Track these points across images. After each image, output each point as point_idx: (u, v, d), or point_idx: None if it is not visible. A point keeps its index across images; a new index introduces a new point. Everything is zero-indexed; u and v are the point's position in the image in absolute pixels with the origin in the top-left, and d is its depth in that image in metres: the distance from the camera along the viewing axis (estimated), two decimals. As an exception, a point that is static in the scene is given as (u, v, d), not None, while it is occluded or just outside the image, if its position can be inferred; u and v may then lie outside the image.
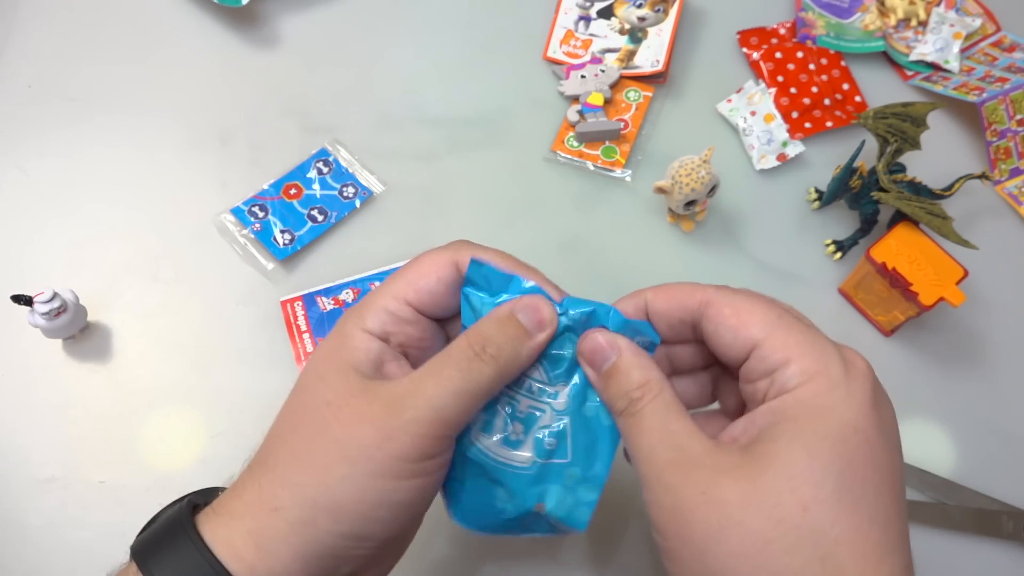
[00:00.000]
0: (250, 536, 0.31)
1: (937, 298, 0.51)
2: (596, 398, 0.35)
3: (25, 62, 0.68)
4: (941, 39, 0.68)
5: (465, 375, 0.32)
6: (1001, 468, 0.53)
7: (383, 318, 0.35)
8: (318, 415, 0.32)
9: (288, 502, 0.31)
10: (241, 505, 0.32)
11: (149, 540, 0.32)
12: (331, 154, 0.63)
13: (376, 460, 0.31)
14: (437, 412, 0.31)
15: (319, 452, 0.31)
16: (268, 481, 0.32)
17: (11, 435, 0.53)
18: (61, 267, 0.59)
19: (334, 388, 0.33)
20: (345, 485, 0.31)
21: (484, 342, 0.33)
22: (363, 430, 0.31)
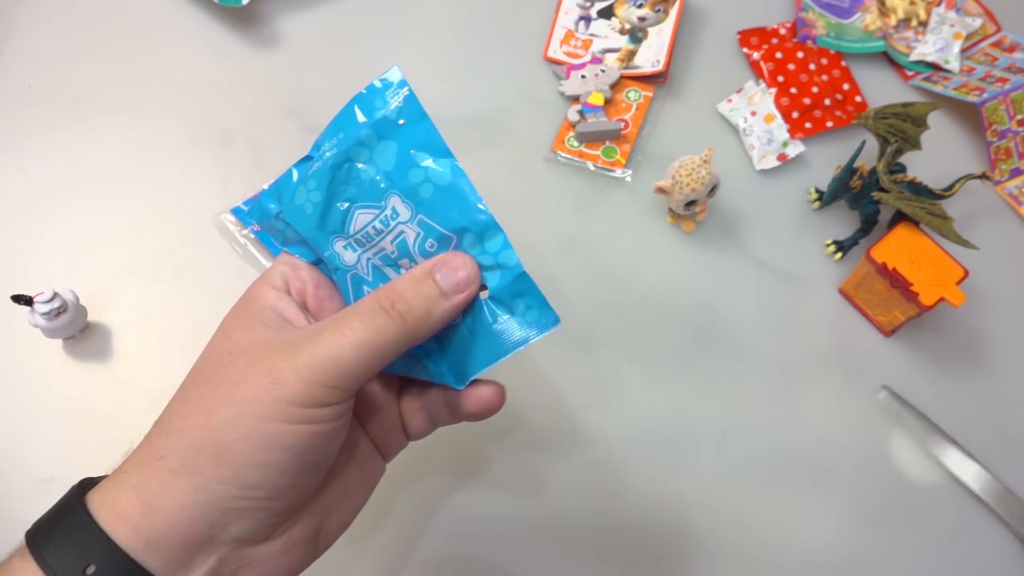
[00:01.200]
0: (135, 492, 0.30)
1: (937, 298, 0.51)
2: (420, 174, 0.34)
3: (25, 62, 0.68)
4: (941, 39, 0.68)
5: (368, 328, 0.31)
6: (1001, 468, 0.53)
7: (282, 270, 0.37)
8: (217, 364, 0.32)
9: (172, 448, 0.30)
10: (130, 463, 0.31)
11: (42, 521, 0.32)
12: (331, 154, 0.63)
13: (262, 402, 0.30)
14: (332, 360, 0.30)
15: (207, 396, 0.31)
16: (156, 432, 0.32)
17: (11, 435, 0.53)
18: (61, 267, 0.59)
19: (237, 340, 0.33)
20: (228, 427, 0.30)
21: (395, 298, 0.32)
22: (254, 373, 0.31)
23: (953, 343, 0.57)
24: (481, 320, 0.34)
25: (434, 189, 0.34)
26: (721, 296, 0.59)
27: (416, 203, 0.34)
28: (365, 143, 0.35)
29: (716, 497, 0.52)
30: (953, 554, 0.51)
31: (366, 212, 0.35)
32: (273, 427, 0.30)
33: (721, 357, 0.56)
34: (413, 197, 0.34)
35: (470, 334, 0.35)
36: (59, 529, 0.30)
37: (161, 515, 0.30)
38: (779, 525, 0.51)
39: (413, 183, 0.34)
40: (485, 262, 0.34)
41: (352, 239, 0.35)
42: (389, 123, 0.35)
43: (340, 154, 0.35)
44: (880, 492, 0.52)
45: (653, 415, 0.54)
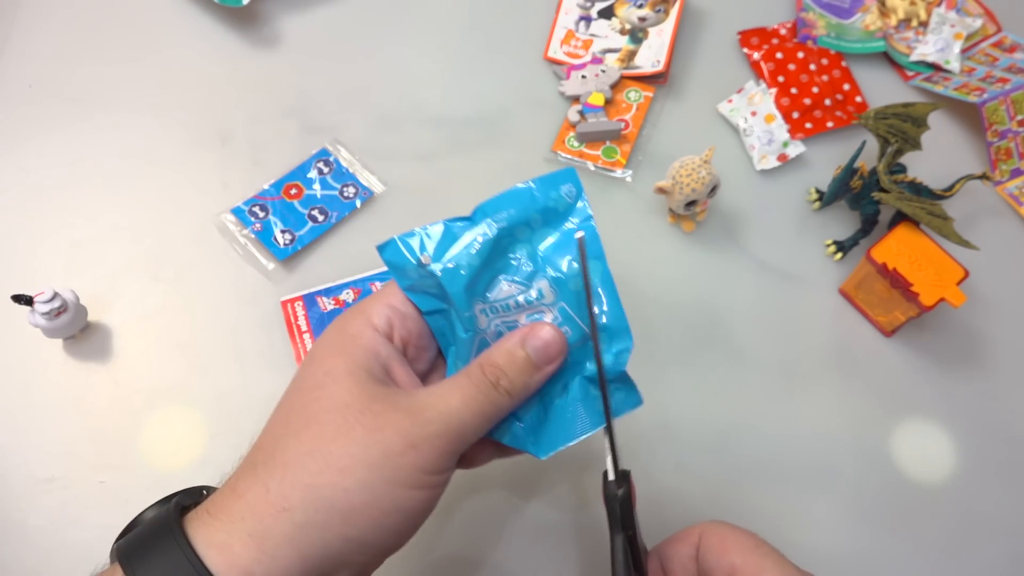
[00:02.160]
0: (252, 539, 0.30)
1: (938, 298, 0.51)
2: (572, 268, 0.36)
3: (25, 62, 0.68)
4: (942, 39, 0.68)
5: (485, 399, 0.33)
6: (1001, 468, 0.53)
7: (387, 313, 0.36)
8: (337, 416, 0.32)
9: (299, 503, 0.31)
10: (243, 506, 0.31)
11: (135, 542, 0.32)
12: (331, 154, 0.63)
13: (398, 468, 0.31)
14: (460, 427, 0.33)
15: (339, 454, 0.31)
16: (276, 481, 0.31)
17: (11, 435, 0.53)
18: (61, 267, 0.59)
19: (350, 390, 0.33)
20: (362, 489, 0.31)
21: (498, 375, 0.34)
22: (387, 436, 0.31)
23: (953, 343, 0.57)
24: (572, 394, 0.37)
25: (582, 286, 0.36)
26: (721, 296, 0.59)
27: (562, 293, 0.36)
28: (531, 225, 0.37)
29: (716, 497, 0.52)
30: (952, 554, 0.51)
31: (512, 285, 0.37)
32: (403, 492, 0.32)
33: (721, 357, 0.56)
34: (561, 286, 0.36)
35: (560, 406, 0.37)
36: (162, 561, 0.30)
37: (278, 562, 0.30)
38: (779, 525, 0.51)
39: (565, 275, 0.36)
40: (605, 359, 0.36)
41: (489, 305, 0.37)
42: (557, 215, 0.37)
43: (507, 228, 0.36)
44: (880, 492, 0.52)
45: (653, 415, 0.54)
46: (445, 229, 0.37)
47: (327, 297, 0.57)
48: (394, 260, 0.37)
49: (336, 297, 0.57)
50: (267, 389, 0.54)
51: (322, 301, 0.57)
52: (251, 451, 0.34)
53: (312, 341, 0.55)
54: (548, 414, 0.37)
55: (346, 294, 0.57)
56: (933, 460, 0.53)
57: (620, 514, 0.35)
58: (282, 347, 0.56)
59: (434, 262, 0.36)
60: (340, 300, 0.57)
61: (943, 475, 0.53)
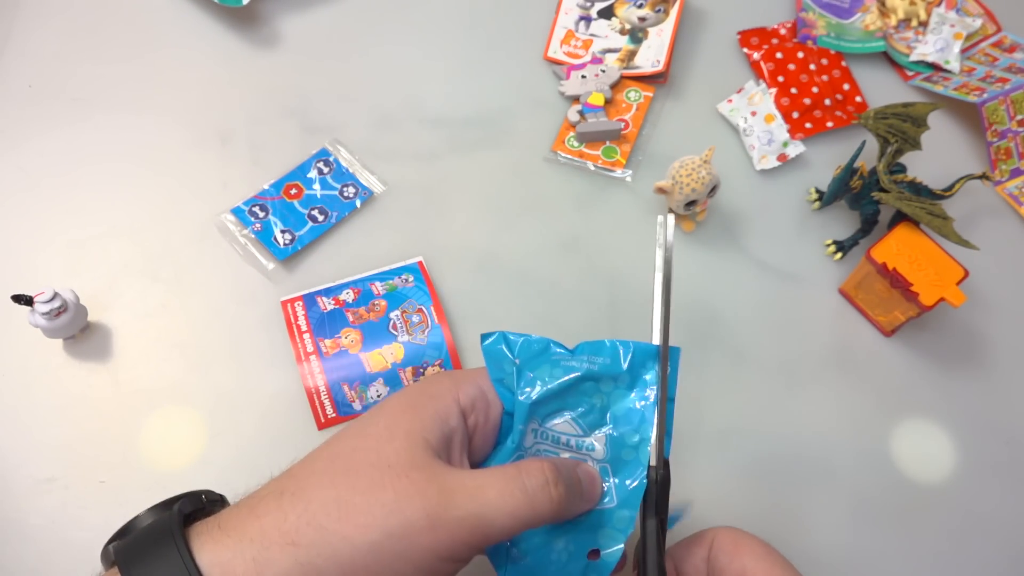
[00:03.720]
0: (255, 565, 0.30)
1: (938, 298, 0.51)
2: (632, 444, 0.37)
3: (25, 62, 0.68)
4: (942, 39, 0.68)
5: (528, 501, 0.32)
6: (1001, 468, 0.53)
7: (475, 393, 0.36)
8: (376, 473, 0.31)
9: (308, 543, 0.30)
10: (257, 529, 0.31)
11: (135, 547, 0.31)
12: (331, 154, 0.63)
13: (411, 544, 0.30)
14: (486, 522, 0.31)
15: (361, 510, 0.31)
16: (296, 514, 0.31)
17: (11, 435, 0.53)
18: (61, 267, 0.59)
19: (399, 451, 0.32)
20: (371, 553, 0.30)
21: (547, 482, 0.33)
22: (413, 509, 0.31)
23: (953, 343, 0.57)
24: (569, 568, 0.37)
25: (635, 455, 0.37)
26: (721, 296, 0.59)
27: (613, 454, 0.37)
28: (616, 380, 0.38)
29: (716, 497, 0.52)
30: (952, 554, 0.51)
31: (571, 425, 0.37)
32: (408, 570, 0.30)
33: (721, 357, 0.56)
34: (615, 448, 0.37)
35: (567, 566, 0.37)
36: (161, 567, 0.30)
37: None
38: (779, 525, 0.51)
39: (624, 440, 0.37)
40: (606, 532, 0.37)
41: (542, 429, 0.37)
42: (642, 383, 0.38)
43: (594, 373, 0.37)
44: (880, 492, 0.52)
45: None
46: (545, 345, 0.38)
47: (327, 297, 0.57)
48: (493, 350, 0.38)
49: (336, 297, 0.57)
50: (267, 389, 0.55)
51: (322, 301, 0.57)
52: (283, 476, 0.33)
53: (312, 341, 0.55)
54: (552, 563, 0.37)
55: (346, 294, 0.57)
56: (933, 460, 0.53)
57: (656, 498, 0.36)
58: (282, 347, 0.56)
59: (522, 367, 0.37)
60: (340, 300, 0.57)
61: (943, 475, 0.53)
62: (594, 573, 0.36)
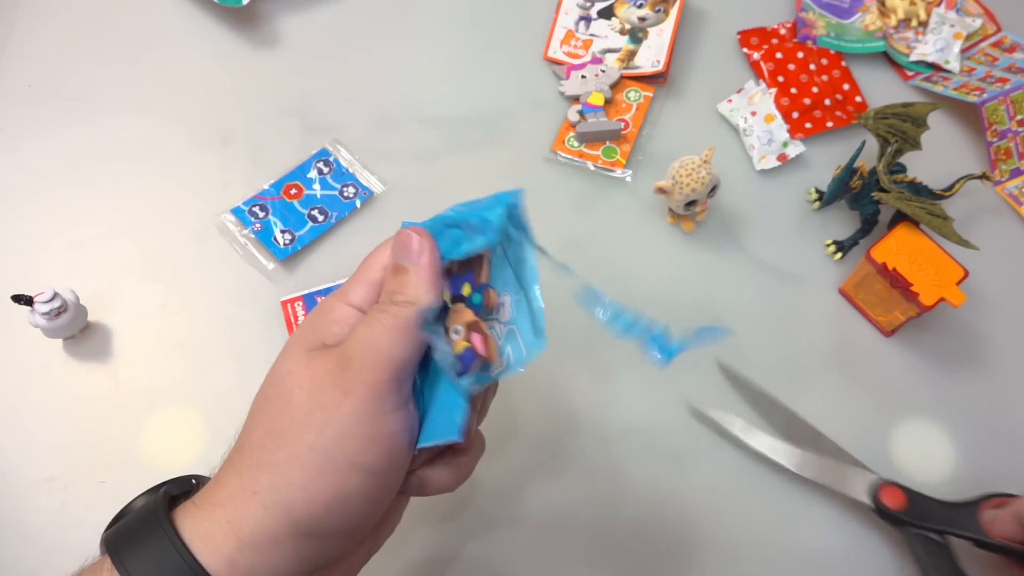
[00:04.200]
0: (230, 526, 0.30)
1: (937, 298, 0.51)
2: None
3: (25, 62, 0.68)
4: (941, 39, 0.68)
5: (390, 317, 0.32)
6: (1001, 468, 0.53)
7: (364, 288, 0.35)
8: (283, 387, 0.32)
9: (266, 484, 0.30)
10: (223, 494, 0.31)
11: (123, 532, 0.32)
12: (331, 154, 0.63)
13: (340, 421, 0.30)
14: (384, 356, 0.31)
15: (287, 427, 0.31)
16: (247, 466, 0.31)
17: (11, 435, 0.53)
18: (61, 267, 0.59)
19: (293, 358, 0.33)
20: (314, 454, 0.30)
21: (391, 294, 0.33)
22: (324, 392, 0.31)
23: (953, 343, 0.57)
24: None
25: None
26: (721, 296, 0.59)
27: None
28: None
29: (716, 497, 0.52)
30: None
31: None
32: (353, 444, 0.30)
33: (721, 357, 0.56)
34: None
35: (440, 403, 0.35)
36: (150, 551, 0.30)
37: (257, 552, 0.30)
38: (779, 525, 0.51)
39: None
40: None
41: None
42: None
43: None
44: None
45: (653, 415, 0.54)
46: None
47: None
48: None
49: (336, 297, 0.57)
50: (267, 389, 0.55)
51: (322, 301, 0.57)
52: (234, 440, 0.34)
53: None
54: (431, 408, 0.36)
55: (346, 294, 0.57)
56: (933, 460, 0.53)
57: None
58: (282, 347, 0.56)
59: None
60: (340, 300, 0.57)
61: (943, 475, 0.53)
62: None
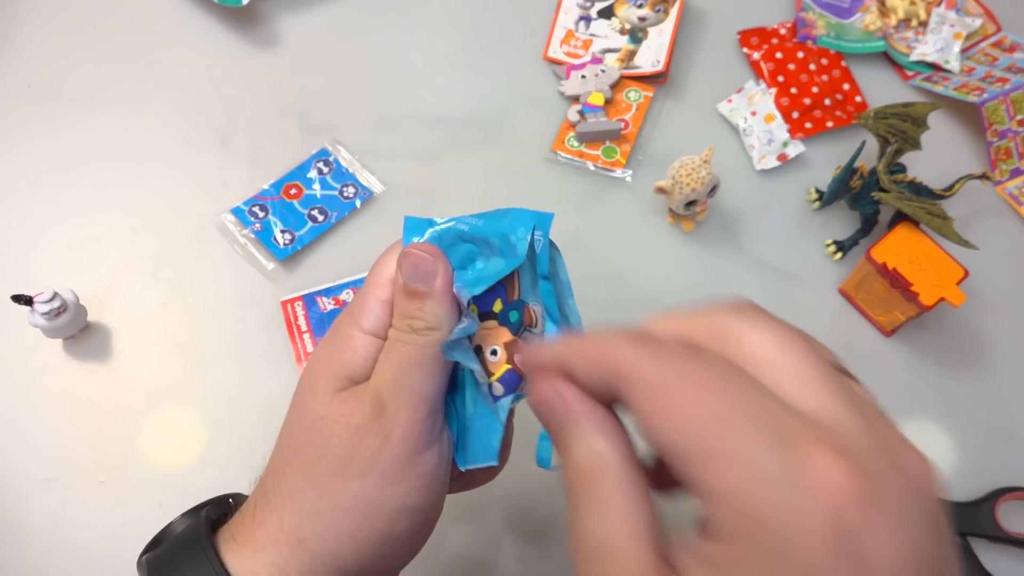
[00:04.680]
0: (276, 569, 0.30)
1: (937, 298, 0.51)
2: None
3: (25, 62, 0.68)
4: (942, 39, 0.68)
5: (414, 348, 0.31)
6: (1001, 468, 0.53)
7: (376, 311, 0.33)
8: (317, 434, 0.31)
9: (311, 533, 0.30)
10: (264, 537, 0.31)
11: (166, 557, 0.31)
12: (331, 154, 0.63)
13: (381, 467, 0.30)
14: (413, 391, 0.30)
15: (327, 475, 0.30)
16: (288, 512, 0.31)
17: (11, 435, 0.53)
18: (61, 267, 0.59)
19: (324, 401, 0.32)
20: (360, 504, 0.30)
21: (409, 320, 0.32)
22: (361, 439, 0.30)
23: (953, 343, 0.57)
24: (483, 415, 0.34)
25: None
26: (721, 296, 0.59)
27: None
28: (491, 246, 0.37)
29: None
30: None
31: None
32: (399, 490, 0.30)
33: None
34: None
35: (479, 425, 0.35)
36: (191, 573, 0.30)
37: None
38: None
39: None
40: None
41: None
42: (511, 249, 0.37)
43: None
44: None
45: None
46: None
47: (327, 297, 0.57)
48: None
49: (336, 297, 0.57)
50: (267, 389, 0.55)
51: (322, 301, 0.57)
52: (264, 475, 0.33)
53: (312, 341, 0.55)
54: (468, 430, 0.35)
55: (346, 294, 0.57)
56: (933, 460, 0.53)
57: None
58: (282, 347, 0.56)
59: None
60: (340, 300, 0.57)
61: (943, 475, 0.53)
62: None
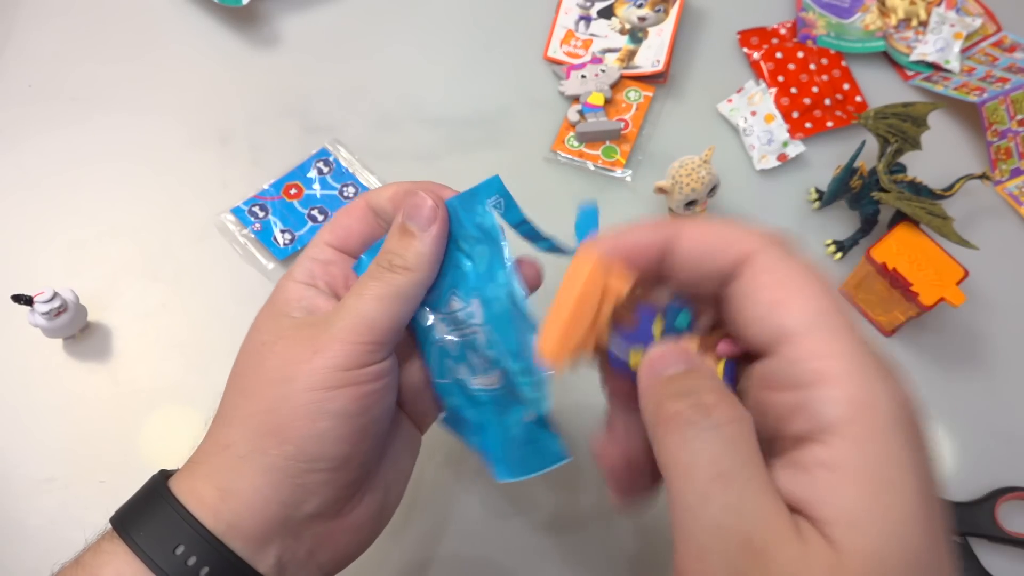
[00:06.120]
0: (210, 479, 0.32)
1: (937, 298, 0.51)
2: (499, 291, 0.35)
3: (25, 62, 0.68)
4: (942, 39, 0.68)
5: (383, 285, 0.33)
6: (1001, 468, 0.53)
7: (308, 266, 0.36)
8: (255, 355, 0.34)
9: (237, 437, 0.32)
10: (200, 454, 0.33)
11: (126, 508, 0.33)
12: (331, 154, 0.63)
13: (308, 373, 0.32)
14: (361, 318, 0.32)
15: (255, 383, 0.33)
16: (218, 425, 0.34)
17: (11, 435, 0.53)
18: (61, 267, 0.59)
19: (268, 330, 0.34)
20: (281, 404, 0.32)
21: (391, 256, 0.34)
22: (296, 351, 0.32)
23: (953, 343, 0.57)
24: (537, 430, 0.36)
25: (504, 308, 0.35)
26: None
27: (489, 314, 0.35)
28: (474, 237, 0.36)
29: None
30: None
31: (457, 301, 0.36)
32: (322, 394, 0.32)
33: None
34: (489, 307, 0.35)
35: (523, 437, 0.36)
36: (146, 513, 0.32)
37: (238, 499, 0.31)
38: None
39: (493, 295, 0.35)
40: (525, 393, 0.35)
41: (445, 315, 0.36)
42: (490, 231, 0.36)
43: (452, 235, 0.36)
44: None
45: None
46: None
47: (327, 297, 0.57)
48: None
49: (336, 297, 0.57)
50: (267, 389, 0.55)
51: (322, 301, 0.57)
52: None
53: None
54: (507, 434, 0.36)
55: (346, 294, 0.57)
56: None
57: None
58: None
59: None
60: (340, 300, 0.57)
61: (943, 475, 0.53)
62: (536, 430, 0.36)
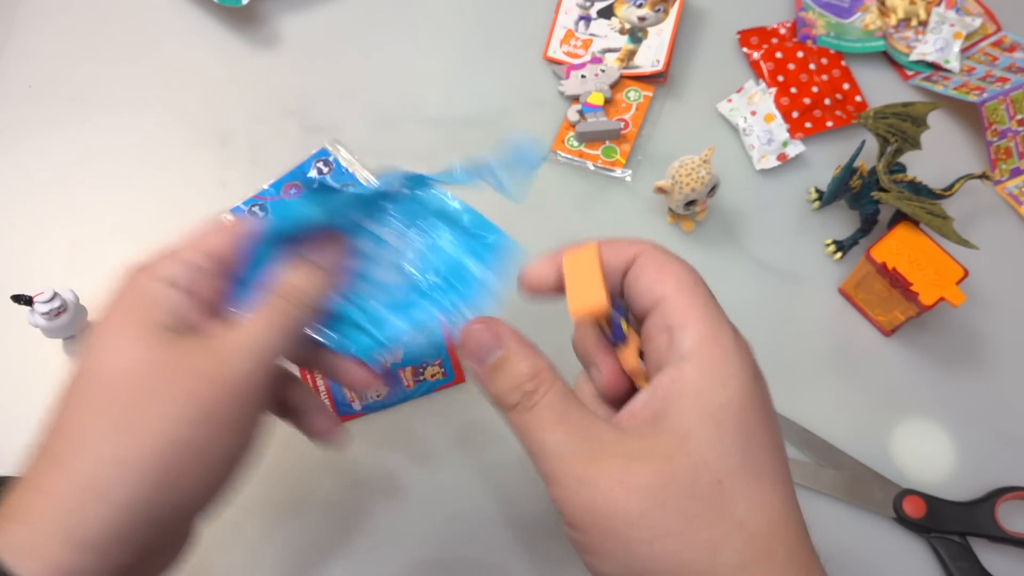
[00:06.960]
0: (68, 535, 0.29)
1: (937, 298, 0.51)
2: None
3: (25, 62, 0.68)
4: (941, 39, 0.68)
5: (289, 319, 0.34)
6: (1001, 468, 0.53)
7: (180, 270, 0.34)
8: (138, 379, 0.30)
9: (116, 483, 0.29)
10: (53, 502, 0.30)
11: None
12: (331, 154, 0.63)
13: (221, 418, 0.31)
14: (270, 355, 0.33)
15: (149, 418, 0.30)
16: (83, 462, 0.30)
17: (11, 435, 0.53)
18: (61, 267, 0.59)
19: (149, 346, 0.31)
20: (187, 450, 0.30)
21: (289, 290, 0.34)
22: (202, 388, 0.31)
23: (953, 343, 0.57)
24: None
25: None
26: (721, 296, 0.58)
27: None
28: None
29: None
30: (953, 554, 0.51)
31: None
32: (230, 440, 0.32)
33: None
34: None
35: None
36: None
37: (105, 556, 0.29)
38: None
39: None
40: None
41: None
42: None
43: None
44: (880, 492, 0.52)
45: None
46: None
47: (327, 297, 0.57)
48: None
49: (336, 297, 0.57)
50: (267, 389, 0.55)
51: (322, 301, 0.57)
52: (48, 436, 0.31)
53: (312, 341, 0.55)
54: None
55: (346, 294, 0.57)
56: (933, 460, 0.53)
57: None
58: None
59: None
60: (340, 300, 0.57)
61: (943, 475, 0.53)
62: None
